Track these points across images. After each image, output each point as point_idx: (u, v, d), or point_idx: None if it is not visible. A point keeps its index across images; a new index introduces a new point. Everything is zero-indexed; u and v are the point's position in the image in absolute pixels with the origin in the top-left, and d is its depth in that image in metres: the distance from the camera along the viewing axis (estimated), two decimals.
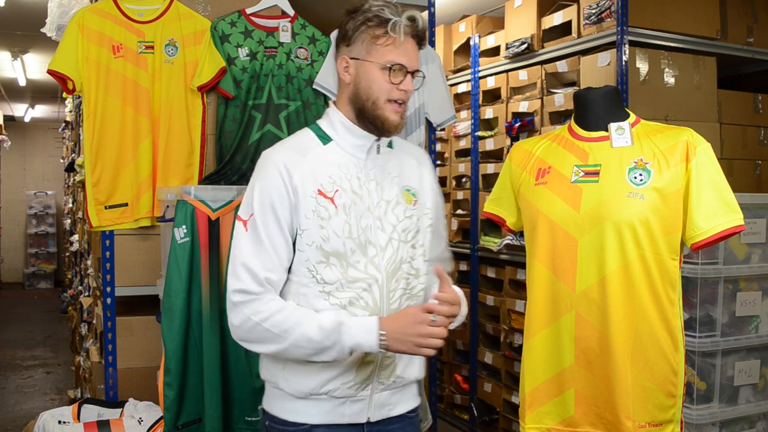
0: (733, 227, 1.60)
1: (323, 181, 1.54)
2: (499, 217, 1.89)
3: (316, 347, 1.47)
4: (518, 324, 3.68)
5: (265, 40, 2.71)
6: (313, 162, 1.56)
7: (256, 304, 1.51)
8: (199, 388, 2.10)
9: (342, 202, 1.54)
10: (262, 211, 1.53)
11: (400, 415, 1.64)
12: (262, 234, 1.52)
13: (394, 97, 1.55)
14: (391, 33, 1.54)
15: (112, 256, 2.59)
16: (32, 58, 7.04)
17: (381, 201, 1.59)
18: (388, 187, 1.61)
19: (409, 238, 1.61)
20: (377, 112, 1.56)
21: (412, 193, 1.65)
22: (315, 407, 1.56)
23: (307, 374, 1.54)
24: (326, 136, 1.61)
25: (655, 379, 1.63)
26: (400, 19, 1.54)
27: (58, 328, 8.09)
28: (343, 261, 1.53)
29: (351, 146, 1.60)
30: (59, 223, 11.66)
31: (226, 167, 2.64)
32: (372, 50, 1.55)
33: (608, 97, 1.73)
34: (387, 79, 1.54)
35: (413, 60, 1.57)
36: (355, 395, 1.57)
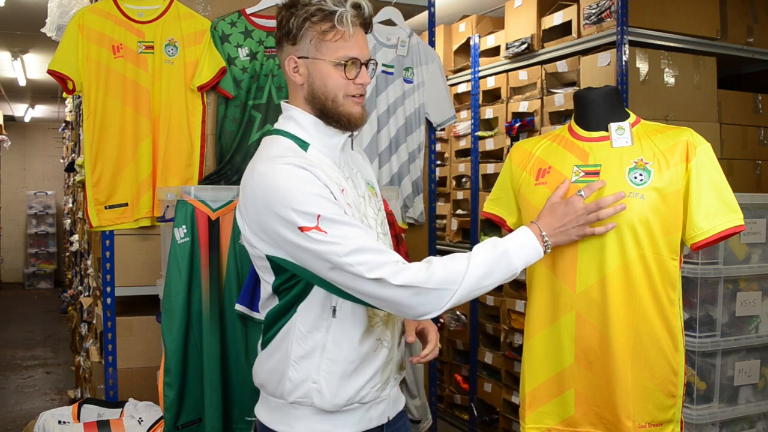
0: (733, 227, 1.60)
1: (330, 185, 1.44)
2: (499, 217, 1.89)
3: (484, 283, 1.38)
4: (518, 324, 3.68)
5: (265, 40, 2.71)
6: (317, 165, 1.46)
7: (406, 269, 1.35)
8: (199, 388, 2.10)
9: (351, 201, 1.48)
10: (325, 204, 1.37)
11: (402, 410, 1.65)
12: (344, 220, 1.37)
13: (351, 93, 1.48)
14: (338, 26, 1.44)
15: (112, 256, 2.59)
16: (32, 58, 7.04)
17: (359, 197, 1.54)
18: (357, 182, 1.57)
19: (386, 230, 1.60)
20: (339, 109, 1.48)
21: (372, 185, 1.63)
22: (347, 419, 1.50)
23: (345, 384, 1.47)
24: (303, 142, 1.50)
25: (655, 379, 1.63)
26: (345, 9, 1.44)
27: (58, 328, 8.08)
28: None
29: (327, 147, 1.52)
30: (59, 223, 11.66)
31: (226, 167, 2.64)
32: (321, 47, 1.46)
33: (608, 97, 1.73)
34: (342, 76, 1.46)
35: (364, 50, 1.49)
36: (380, 396, 1.54)
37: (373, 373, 1.50)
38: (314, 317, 1.47)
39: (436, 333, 1.56)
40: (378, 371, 1.51)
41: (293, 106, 1.53)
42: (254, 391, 2.14)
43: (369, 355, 1.49)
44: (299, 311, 1.47)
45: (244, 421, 2.15)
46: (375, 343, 1.50)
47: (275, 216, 1.38)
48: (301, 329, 1.47)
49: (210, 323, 2.09)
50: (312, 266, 1.38)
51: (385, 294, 1.34)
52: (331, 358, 1.46)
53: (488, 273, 1.38)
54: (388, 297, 1.35)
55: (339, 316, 1.46)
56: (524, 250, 1.43)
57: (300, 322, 1.47)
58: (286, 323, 1.48)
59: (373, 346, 1.50)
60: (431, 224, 3.26)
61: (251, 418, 2.15)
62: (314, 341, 1.46)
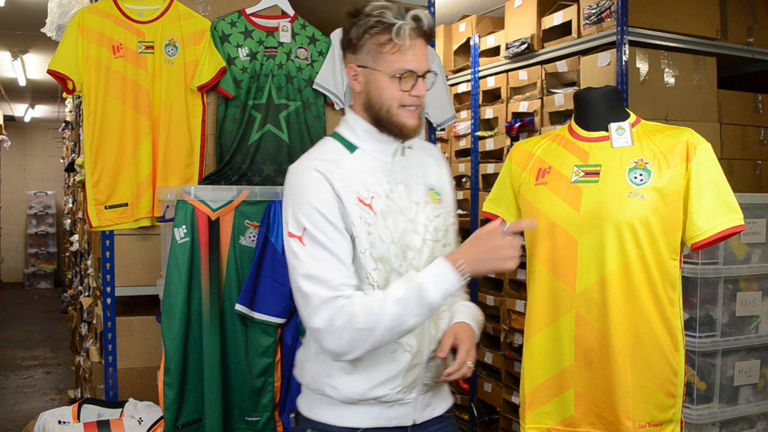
0: (733, 227, 1.60)
1: (359, 189, 1.52)
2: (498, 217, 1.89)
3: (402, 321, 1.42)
4: (518, 324, 3.68)
5: (265, 40, 2.71)
6: (346, 170, 1.53)
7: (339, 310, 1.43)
8: (199, 388, 2.10)
9: (379, 207, 1.53)
10: (316, 219, 1.47)
11: (440, 416, 1.65)
12: (323, 241, 1.46)
13: (406, 103, 1.53)
14: (395, 40, 1.49)
15: (112, 256, 2.59)
16: (32, 58, 7.04)
17: (411, 203, 1.58)
18: (415, 188, 1.61)
19: (440, 237, 1.61)
20: (393, 120, 1.54)
21: (436, 192, 1.65)
22: (364, 411, 1.55)
23: (356, 381, 1.52)
24: (351, 145, 1.58)
25: (655, 379, 1.63)
26: (404, 22, 1.48)
27: (58, 328, 8.08)
28: (386, 266, 1.52)
29: (376, 151, 1.58)
30: (59, 223, 11.66)
31: (226, 167, 2.64)
32: (379, 59, 1.51)
33: (608, 97, 1.73)
34: (397, 87, 1.51)
35: (422, 62, 1.53)
36: (403, 399, 1.56)
37: (392, 375, 1.53)
38: None
39: (466, 352, 1.53)
40: (399, 374, 1.53)
41: (351, 111, 1.62)
42: (254, 391, 2.15)
43: (386, 357, 1.52)
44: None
45: (244, 421, 2.15)
46: (393, 345, 1.52)
47: (284, 210, 1.55)
48: None
49: (210, 323, 2.09)
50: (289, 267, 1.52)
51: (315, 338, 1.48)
52: None
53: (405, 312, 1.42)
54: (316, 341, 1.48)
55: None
56: (439, 286, 1.43)
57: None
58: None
59: (390, 348, 1.52)
60: None
61: (251, 418, 2.16)
62: None
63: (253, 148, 2.67)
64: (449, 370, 1.52)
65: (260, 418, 2.15)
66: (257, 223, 2.15)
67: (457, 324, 1.60)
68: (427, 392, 1.60)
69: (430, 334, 1.58)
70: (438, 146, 4.47)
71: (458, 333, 1.56)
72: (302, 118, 2.74)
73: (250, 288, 2.11)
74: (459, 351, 1.53)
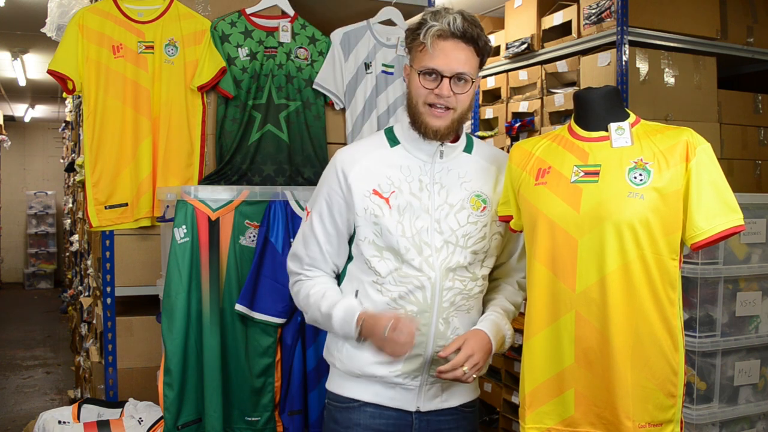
0: (733, 227, 1.60)
1: (381, 182, 1.62)
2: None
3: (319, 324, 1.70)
4: (518, 324, 3.66)
5: (265, 40, 2.71)
6: (374, 162, 1.64)
7: (297, 284, 1.73)
8: (199, 388, 2.10)
9: (397, 203, 1.60)
10: (319, 206, 1.68)
11: (454, 408, 1.70)
12: (314, 226, 1.68)
13: (430, 102, 1.58)
14: (421, 39, 1.56)
15: (112, 256, 2.59)
16: (32, 58, 7.04)
17: (444, 204, 1.64)
18: (455, 191, 1.65)
19: (470, 243, 1.65)
20: (418, 117, 1.60)
21: (482, 199, 1.69)
22: (366, 386, 1.65)
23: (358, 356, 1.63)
24: (395, 139, 1.68)
25: (655, 379, 1.63)
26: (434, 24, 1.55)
27: (58, 328, 8.09)
28: (397, 257, 1.59)
29: (416, 150, 1.65)
30: (59, 223, 11.66)
31: (226, 167, 2.64)
32: (414, 57, 1.61)
33: (608, 97, 1.73)
34: (422, 84, 1.57)
35: (452, 63, 1.56)
36: (404, 384, 1.63)
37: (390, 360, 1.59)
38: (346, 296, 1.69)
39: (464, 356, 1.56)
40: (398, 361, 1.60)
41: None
42: (254, 391, 2.15)
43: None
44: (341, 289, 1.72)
45: (244, 421, 2.15)
46: None
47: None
48: None
49: (210, 323, 2.09)
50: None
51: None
52: None
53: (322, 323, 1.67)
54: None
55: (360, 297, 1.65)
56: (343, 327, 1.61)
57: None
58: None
59: None
60: None
61: (251, 418, 2.16)
62: None
63: (253, 148, 2.67)
64: (441, 368, 1.55)
65: (260, 418, 2.16)
66: (257, 223, 2.15)
67: (474, 330, 1.65)
68: (434, 383, 1.65)
69: (437, 330, 1.62)
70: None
71: (469, 338, 1.60)
72: (302, 118, 2.74)
73: (250, 288, 2.11)
74: (458, 355, 1.56)
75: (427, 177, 1.64)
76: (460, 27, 1.56)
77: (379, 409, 1.65)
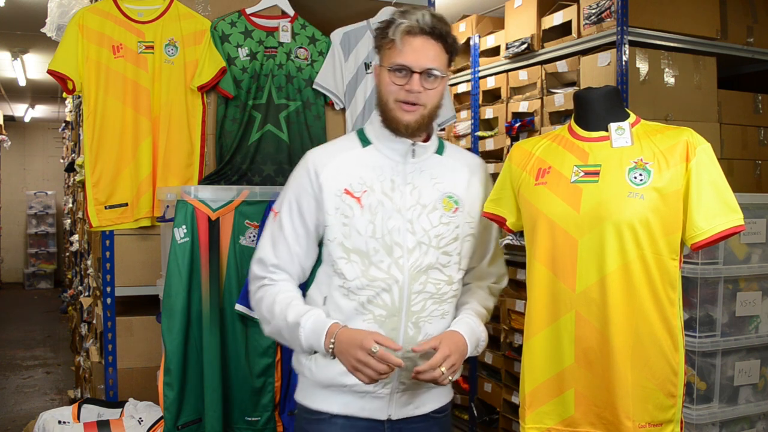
0: (733, 227, 1.60)
1: (352, 182, 1.60)
2: (499, 217, 1.89)
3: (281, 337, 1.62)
4: (518, 324, 3.68)
5: (265, 40, 2.71)
6: (345, 162, 1.62)
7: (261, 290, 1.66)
8: (199, 388, 2.10)
9: (369, 202, 1.58)
10: (288, 206, 1.65)
11: (425, 415, 1.65)
12: (284, 226, 1.64)
13: (401, 98, 1.57)
14: (390, 35, 1.56)
15: (112, 256, 2.59)
16: (32, 58, 7.04)
17: (416, 204, 1.61)
18: (427, 191, 1.63)
19: (442, 244, 1.62)
20: (389, 114, 1.60)
21: (454, 200, 1.66)
22: (335, 397, 1.61)
23: (328, 365, 1.58)
24: (367, 139, 1.66)
25: (655, 379, 1.63)
26: (402, 21, 1.55)
27: (58, 328, 8.08)
28: (365, 259, 1.56)
29: (388, 149, 1.64)
30: (59, 223, 11.66)
31: (226, 167, 2.64)
32: (383, 55, 1.61)
33: (608, 97, 1.73)
34: (391, 81, 1.57)
35: (421, 59, 1.55)
36: (375, 392, 1.59)
37: None
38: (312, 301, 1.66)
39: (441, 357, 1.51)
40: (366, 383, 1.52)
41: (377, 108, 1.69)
42: (254, 391, 2.15)
43: None
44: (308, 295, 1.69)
45: (244, 421, 2.15)
46: None
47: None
48: None
49: (210, 323, 2.09)
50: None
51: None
52: None
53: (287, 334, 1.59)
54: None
55: (328, 304, 1.62)
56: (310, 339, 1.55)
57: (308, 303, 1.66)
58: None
59: None
60: None
61: (251, 418, 2.16)
62: None
63: (253, 148, 2.67)
64: (418, 368, 1.50)
65: (260, 418, 2.16)
66: (257, 223, 2.15)
67: (449, 332, 1.60)
68: (405, 390, 1.61)
69: (407, 336, 1.59)
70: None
71: (444, 339, 1.55)
72: (302, 118, 2.74)
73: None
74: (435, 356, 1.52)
75: (399, 177, 1.62)
76: (429, 23, 1.55)
77: (350, 420, 1.60)
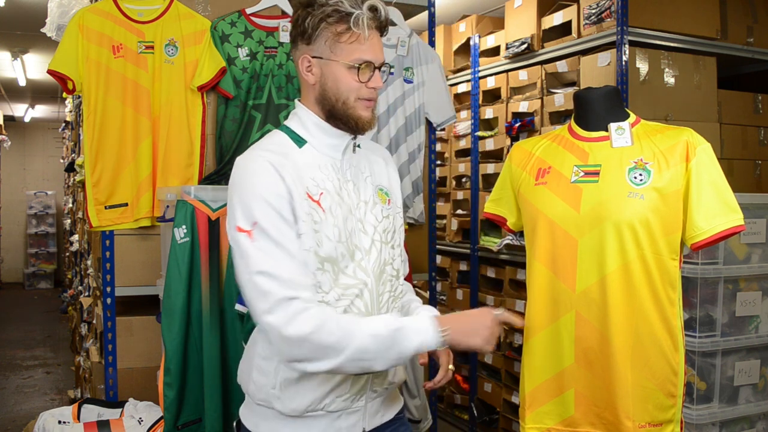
0: (733, 227, 1.60)
1: (308, 184, 1.44)
2: (499, 217, 1.89)
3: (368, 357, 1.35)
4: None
5: (265, 40, 2.71)
6: (295, 164, 1.45)
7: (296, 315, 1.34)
8: (199, 388, 2.10)
9: (328, 204, 1.45)
10: (267, 213, 1.38)
11: (392, 419, 1.61)
12: (275, 237, 1.37)
13: (363, 96, 1.47)
14: (354, 29, 1.43)
15: (112, 256, 2.59)
16: (32, 58, 7.03)
17: (360, 202, 1.52)
18: (363, 187, 1.55)
19: (389, 238, 1.56)
20: (348, 112, 1.47)
21: (385, 192, 1.60)
22: (311, 424, 1.48)
23: (302, 392, 1.45)
24: (300, 139, 1.50)
25: (655, 379, 1.63)
26: (361, 11, 1.43)
27: (58, 328, 8.08)
28: (335, 266, 1.44)
29: (326, 147, 1.51)
30: (59, 223, 11.66)
31: (226, 167, 2.64)
32: (336, 49, 1.45)
33: (608, 97, 1.73)
34: (355, 78, 1.45)
35: (379, 53, 1.48)
36: (351, 407, 1.50)
37: (339, 382, 1.47)
38: None
39: (447, 356, 1.51)
40: (347, 381, 1.47)
41: (302, 104, 1.54)
42: None
43: None
44: None
45: None
46: None
47: (230, 202, 1.44)
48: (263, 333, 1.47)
49: (210, 323, 2.09)
50: (235, 264, 1.42)
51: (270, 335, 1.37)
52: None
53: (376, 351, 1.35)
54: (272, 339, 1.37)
55: None
56: (417, 340, 1.37)
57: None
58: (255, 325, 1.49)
59: None
60: (431, 224, 3.26)
61: None
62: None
63: None
64: (437, 379, 1.48)
65: None
66: None
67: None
68: (376, 398, 1.54)
69: None
70: (438, 146, 4.48)
71: None
72: None
73: None
74: (441, 357, 1.50)
75: (341, 175, 1.51)
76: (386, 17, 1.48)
77: None
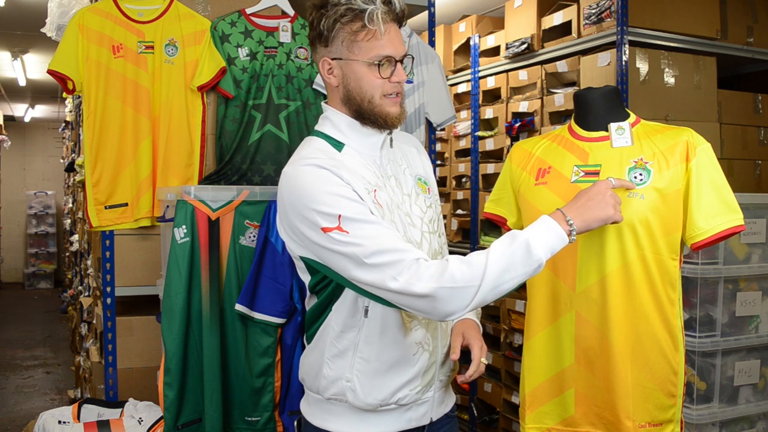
0: (733, 227, 1.60)
1: (361, 183, 1.43)
2: (499, 217, 1.89)
3: (505, 279, 1.31)
4: (518, 324, 3.68)
5: (265, 40, 2.71)
6: (342, 166, 1.43)
7: (428, 271, 1.30)
8: (199, 388, 2.10)
9: (384, 200, 1.45)
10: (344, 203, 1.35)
11: (448, 414, 1.64)
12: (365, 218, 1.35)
13: (388, 92, 1.46)
14: (369, 26, 1.41)
15: (112, 256, 2.59)
16: (32, 58, 7.04)
17: (404, 196, 1.52)
18: (404, 180, 1.55)
19: (435, 228, 1.56)
20: (376, 110, 1.47)
21: (423, 181, 1.60)
22: (383, 418, 1.50)
23: (378, 385, 1.46)
24: (338, 143, 1.49)
25: (655, 379, 1.63)
26: (375, 7, 1.40)
27: (58, 328, 8.09)
28: None
29: (364, 146, 1.50)
30: (59, 223, 11.66)
31: (226, 167, 2.64)
32: (354, 47, 1.43)
33: (608, 97, 1.73)
34: (377, 75, 1.44)
35: (399, 46, 1.45)
36: (421, 398, 1.52)
37: (413, 376, 1.49)
38: (347, 317, 1.47)
39: (479, 349, 1.50)
40: (418, 375, 1.50)
41: (330, 107, 1.53)
42: (254, 391, 2.15)
43: (407, 358, 1.48)
44: (334, 310, 1.49)
45: (244, 421, 2.15)
46: (414, 346, 1.49)
47: (300, 217, 1.39)
48: (335, 328, 1.49)
49: (210, 323, 2.09)
50: (336, 267, 1.38)
51: (407, 301, 1.33)
52: (364, 358, 1.47)
53: (509, 266, 1.30)
54: (410, 304, 1.33)
55: (371, 316, 1.46)
56: (545, 238, 1.33)
57: (334, 321, 1.49)
58: (323, 322, 1.51)
59: (411, 350, 1.49)
60: None
61: (251, 418, 2.16)
62: (348, 340, 1.48)
63: (253, 148, 2.67)
64: (470, 372, 1.48)
65: (260, 418, 2.15)
66: (257, 223, 2.14)
67: (460, 322, 1.58)
68: (440, 388, 1.58)
69: (442, 329, 1.56)
70: (438, 146, 4.48)
71: (465, 331, 1.53)
72: (302, 118, 2.74)
73: (250, 288, 2.11)
74: (473, 350, 1.50)
75: (383, 171, 1.50)
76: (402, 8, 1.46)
77: None
